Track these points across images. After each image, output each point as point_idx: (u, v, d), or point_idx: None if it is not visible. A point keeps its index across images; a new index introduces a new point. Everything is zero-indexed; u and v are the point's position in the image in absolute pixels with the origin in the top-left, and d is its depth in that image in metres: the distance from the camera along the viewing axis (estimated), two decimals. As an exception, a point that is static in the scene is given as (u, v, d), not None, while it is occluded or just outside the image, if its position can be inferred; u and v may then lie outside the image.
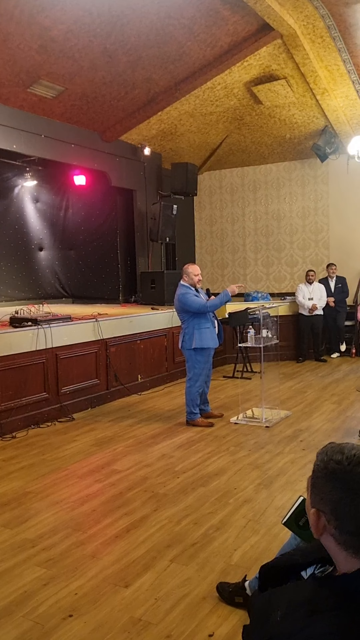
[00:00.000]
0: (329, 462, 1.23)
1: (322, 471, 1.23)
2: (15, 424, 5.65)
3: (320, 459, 1.26)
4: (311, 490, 1.26)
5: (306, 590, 1.27)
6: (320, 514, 1.22)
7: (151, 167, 10.00)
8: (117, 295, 10.06)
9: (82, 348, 6.53)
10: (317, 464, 1.26)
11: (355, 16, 6.61)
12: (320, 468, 1.24)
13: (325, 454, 1.26)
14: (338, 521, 1.18)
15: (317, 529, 1.23)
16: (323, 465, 1.24)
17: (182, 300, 5.69)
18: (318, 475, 1.24)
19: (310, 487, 1.26)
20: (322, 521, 1.21)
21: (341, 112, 8.81)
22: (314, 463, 1.26)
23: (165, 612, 2.64)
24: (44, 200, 10.62)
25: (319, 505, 1.22)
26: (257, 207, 11.25)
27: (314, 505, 1.24)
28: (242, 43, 7.17)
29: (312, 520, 1.24)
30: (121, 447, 5.16)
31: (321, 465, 1.24)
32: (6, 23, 5.85)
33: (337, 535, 1.19)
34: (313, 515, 1.23)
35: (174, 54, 7.14)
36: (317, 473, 1.25)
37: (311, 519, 1.24)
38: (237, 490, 4.07)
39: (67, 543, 3.33)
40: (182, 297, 5.70)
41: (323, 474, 1.23)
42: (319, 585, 1.25)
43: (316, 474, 1.25)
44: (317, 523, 1.22)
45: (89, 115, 8.19)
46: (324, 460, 1.25)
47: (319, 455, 1.28)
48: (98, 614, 2.64)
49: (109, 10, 6.02)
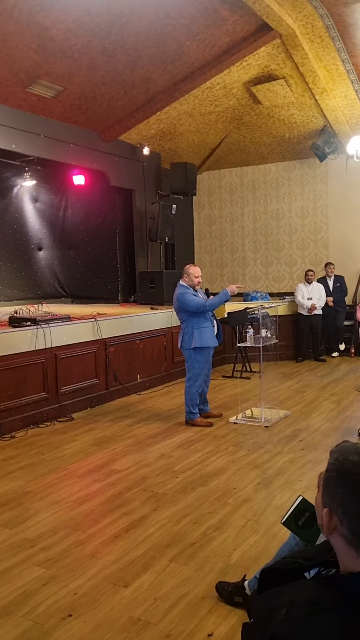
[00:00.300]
0: (345, 462, 1.22)
1: (337, 471, 1.22)
2: (14, 423, 5.65)
3: (335, 457, 1.25)
4: (324, 489, 1.25)
5: (309, 590, 1.27)
6: (333, 514, 1.21)
7: (150, 167, 10.00)
8: (116, 295, 10.06)
9: (81, 348, 6.53)
10: (331, 463, 1.25)
11: (354, 16, 6.62)
12: (335, 467, 1.23)
13: (340, 453, 1.25)
14: (351, 522, 1.18)
15: (328, 528, 1.23)
16: (338, 464, 1.23)
17: (181, 299, 5.69)
18: (332, 475, 1.23)
19: (323, 485, 1.26)
20: (335, 521, 1.21)
21: (340, 112, 8.81)
22: (329, 461, 1.25)
23: (165, 611, 2.64)
24: (43, 200, 10.61)
25: (332, 505, 1.22)
26: (256, 206, 11.25)
27: (326, 505, 1.23)
28: (241, 43, 7.17)
29: (325, 519, 1.23)
30: (120, 446, 5.16)
31: (336, 465, 1.23)
32: (5, 23, 5.84)
33: (349, 536, 1.19)
34: (326, 514, 1.22)
35: (173, 53, 7.14)
36: (332, 472, 1.24)
37: (323, 518, 1.23)
38: (236, 489, 4.07)
39: (66, 543, 3.33)
40: (180, 297, 5.70)
41: (338, 474, 1.22)
42: (322, 585, 1.25)
43: (330, 473, 1.24)
44: (329, 523, 1.22)
45: (88, 115, 8.19)
46: (339, 459, 1.24)
47: (333, 454, 1.27)
48: (97, 613, 2.64)
49: (108, 9, 6.02)
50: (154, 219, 9.37)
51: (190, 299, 5.66)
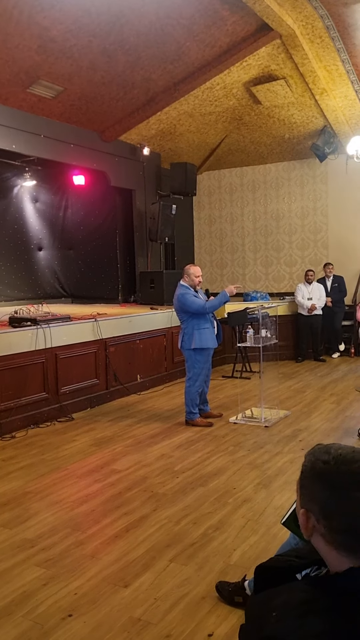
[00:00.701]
0: (316, 462, 1.24)
1: (310, 472, 1.25)
2: (14, 423, 5.66)
3: (308, 460, 1.28)
4: (300, 491, 1.27)
5: (300, 591, 1.27)
6: (309, 514, 1.23)
7: (150, 167, 10.01)
8: (116, 295, 10.06)
9: (81, 348, 6.54)
10: (304, 465, 1.28)
11: (354, 16, 6.62)
12: (307, 469, 1.26)
13: (312, 455, 1.28)
14: (326, 520, 1.19)
15: (306, 529, 1.25)
16: (310, 465, 1.26)
17: (182, 300, 5.69)
18: (306, 476, 1.26)
19: (299, 488, 1.28)
20: (312, 521, 1.23)
21: (340, 112, 8.82)
22: (302, 464, 1.28)
23: (165, 611, 2.64)
24: (43, 200, 10.61)
25: (308, 505, 1.24)
26: (256, 207, 11.25)
27: (302, 506, 1.25)
28: (241, 43, 7.18)
29: (302, 520, 1.25)
30: (120, 447, 5.17)
31: (308, 466, 1.26)
32: (5, 23, 5.85)
33: (327, 535, 1.20)
34: (302, 515, 1.24)
35: (173, 54, 7.14)
36: (305, 474, 1.26)
37: (300, 519, 1.25)
38: (236, 490, 4.08)
39: (66, 543, 3.33)
40: (181, 297, 5.70)
41: (310, 475, 1.25)
42: (312, 586, 1.26)
43: (304, 475, 1.27)
44: (307, 523, 1.24)
45: (88, 115, 8.20)
46: (311, 460, 1.26)
47: (306, 457, 1.29)
48: (97, 613, 2.65)
49: (108, 10, 6.02)
50: (154, 219, 9.38)
51: (190, 300, 5.66)
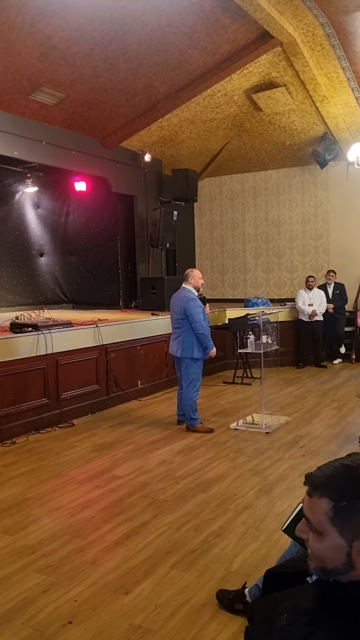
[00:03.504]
0: (346, 478, 1.17)
1: (351, 491, 1.15)
2: (15, 429, 5.65)
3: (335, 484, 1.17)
4: (344, 521, 1.16)
5: (311, 596, 1.26)
6: None
7: (151, 174, 10.04)
8: (117, 300, 10.07)
9: (82, 354, 6.54)
10: (336, 491, 1.16)
11: (354, 24, 6.65)
12: (345, 491, 1.16)
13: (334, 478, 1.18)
14: None
15: None
16: (346, 485, 1.16)
17: (188, 308, 5.62)
18: (348, 499, 1.15)
19: (339, 519, 1.16)
20: None
21: (341, 119, 8.85)
22: (328, 496, 1.16)
23: (165, 619, 2.63)
24: (44, 206, 10.65)
25: None
26: (257, 213, 11.27)
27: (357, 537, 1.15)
28: (242, 51, 7.21)
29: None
30: (121, 452, 5.16)
31: (344, 488, 1.16)
32: (8, 31, 5.89)
33: None
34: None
35: (175, 61, 7.18)
36: (345, 498, 1.15)
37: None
38: (237, 496, 4.07)
39: (66, 549, 3.33)
40: (190, 305, 5.62)
41: (354, 493, 1.15)
42: (324, 592, 1.24)
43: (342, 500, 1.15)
44: None
45: (89, 121, 8.23)
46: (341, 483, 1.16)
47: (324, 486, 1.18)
48: (98, 620, 2.64)
49: (110, 18, 6.06)
50: (155, 225, 9.40)
51: (197, 311, 5.62)
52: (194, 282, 5.80)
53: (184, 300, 5.68)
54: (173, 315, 5.87)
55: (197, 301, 5.71)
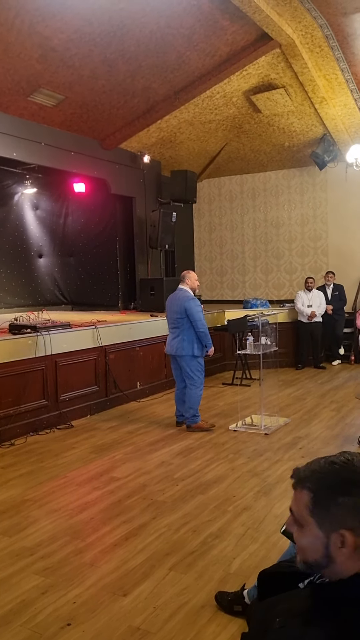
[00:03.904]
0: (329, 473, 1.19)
1: (330, 486, 1.18)
2: (14, 431, 5.65)
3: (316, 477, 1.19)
4: (322, 513, 1.19)
5: (304, 599, 1.27)
6: (352, 531, 1.15)
7: (150, 175, 10.04)
8: (116, 302, 10.07)
9: (81, 355, 6.53)
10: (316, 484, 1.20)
11: (353, 26, 6.66)
12: (323, 485, 1.19)
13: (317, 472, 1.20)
14: None
15: (350, 549, 1.16)
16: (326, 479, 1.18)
17: (189, 307, 5.75)
18: (326, 493, 1.18)
19: (318, 512, 1.19)
20: (354, 537, 1.15)
21: (339, 121, 8.86)
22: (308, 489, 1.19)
23: (164, 620, 2.63)
24: (43, 207, 10.65)
25: (344, 523, 1.16)
26: (256, 214, 11.28)
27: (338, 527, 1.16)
28: (241, 52, 7.22)
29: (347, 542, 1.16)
30: (120, 454, 5.16)
31: (323, 482, 1.19)
32: (7, 32, 5.89)
33: None
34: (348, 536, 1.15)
35: (174, 63, 7.19)
36: (323, 491, 1.18)
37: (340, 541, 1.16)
38: (236, 497, 4.07)
39: (65, 551, 3.32)
40: (190, 304, 5.77)
41: (332, 488, 1.18)
42: (315, 593, 1.25)
43: (321, 493, 1.19)
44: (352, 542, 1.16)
45: (88, 123, 8.24)
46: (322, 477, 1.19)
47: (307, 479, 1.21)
48: (96, 622, 2.63)
49: (109, 20, 6.06)
50: (154, 227, 9.40)
51: (197, 310, 5.78)
52: (190, 283, 5.95)
53: (184, 299, 5.81)
54: (171, 315, 5.97)
55: (196, 301, 5.89)
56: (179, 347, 5.84)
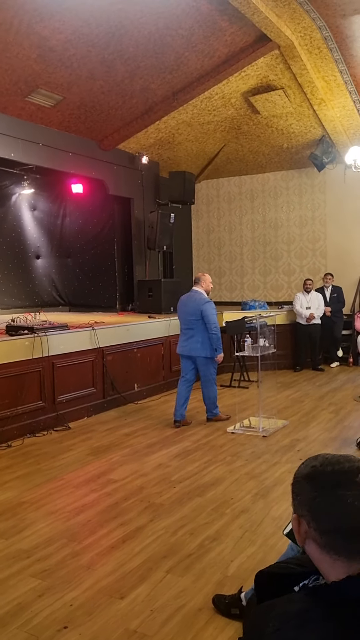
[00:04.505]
0: (306, 467, 1.27)
1: (299, 477, 1.27)
2: (10, 432, 5.62)
3: (299, 468, 1.30)
4: (293, 499, 1.28)
5: (298, 602, 1.26)
6: (301, 519, 1.23)
7: (149, 176, 10.03)
8: (114, 303, 10.05)
9: (78, 356, 6.51)
10: (295, 474, 1.30)
11: (352, 28, 6.66)
12: (297, 475, 1.28)
13: (303, 464, 1.30)
14: (316, 522, 1.19)
15: (299, 535, 1.24)
16: (300, 471, 1.28)
17: (205, 310, 5.95)
18: (296, 482, 1.27)
19: (293, 497, 1.29)
20: (304, 526, 1.22)
21: (338, 122, 8.86)
22: (297, 474, 1.30)
23: (161, 623, 2.61)
24: (41, 208, 10.63)
25: (299, 510, 1.24)
26: (254, 215, 11.28)
27: (294, 512, 1.26)
28: (239, 54, 7.21)
29: (294, 526, 1.25)
30: (117, 456, 5.14)
31: (298, 473, 1.28)
32: (5, 33, 5.88)
33: (318, 538, 1.20)
34: (294, 521, 1.24)
35: (172, 64, 7.18)
36: (295, 480, 1.28)
37: (293, 525, 1.26)
38: (233, 500, 4.05)
39: (62, 554, 3.30)
40: (207, 307, 5.97)
41: (299, 479, 1.26)
42: (309, 596, 1.25)
43: (294, 481, 1.28)
44: (299, 529, 1.24)
45: (87, 124, 8.22)
46: (301, 467, 1.28)
47: (302, 464, 1.32)
48: (93, 625, 2.62)
49: (107, 21, 6.05)
50: (152, 228, 9.39)
51: (213, 312, 6.01)
52: (205, 285, 6.18)
53: (200, 302, 6.02)
54: (185, 316, 6.14)
55: (212, 304, 6.12)
56: (194, 349, 6.07)
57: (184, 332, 6.17)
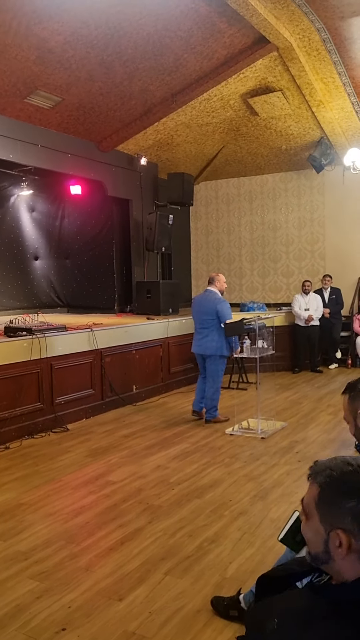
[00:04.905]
0: (342, 474, 1.20)
1: (338, 486, 1.20)
2: (9, 434, 5.61)
3: (328, 474, 1.22)
4: (325, 510, 1.21)
5: (302, 599, 1.26)
6: (345, 533, 1.17)
7: (147, 177, 10.03)
8: (112, 304, 10.04)
9: (77, 358, 6.51)
10: (325, 480, 1.22)
11: (350, 30, 6.68)
12: (332, 483, 1.21)
13: (329, 469, 1.23)
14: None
15: (345, 550, 1.17)
16: (335, 479, 1.20)
17: (221, 309, 6.06)
18: (332, 491, 1.20)
19: (322, 507, 1.21)
20: (347, 540, 1.17)
21: (337, 124, 8.87)
22: (318, 482, 1.22)
23: (160, 625, 2.61)
24: (40, 209, 10.63)
25: (343, 524, 1.17)
26: (253, 217, 11.29)
27: (336, 526, 1.18)
28: (238, 55, 7.22)
29: (341, 542, 1.17)
30: (116, 458, 5.13)
31: (331, 481, 1.21)
32: (4, 34, 5.88)
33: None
34: (343, 536, 1.17)
35: (171, 65, 7.19)
36: (330, 489, 1.21)
37: (337, 540, 1.18)
38: (232, 502, 4.05)
39: (60, 555, 3.30)
40: (222, 306, 6.08)
41: (339, 489, 1.19)
42: (315, 594, 1.24)
43: (328, 490, 1.21)
44: (347, 544, 1.17)
45: (85, 125, 8.23)
46: (334, 476, 1.21)
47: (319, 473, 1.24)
48: (91, 627, 2.61)
49: (106, 22, 6.06)
50: (150, 229, 9.39)
51: (228, 312, 6.09)
52: (219, 285, 6.28)
53: (215, 301, 6.13)
54: (200, 316, 6.24)
55: (227, 303, 6.29)
56: (209, 347, 6.15)
57: (198, 331, 6.28)
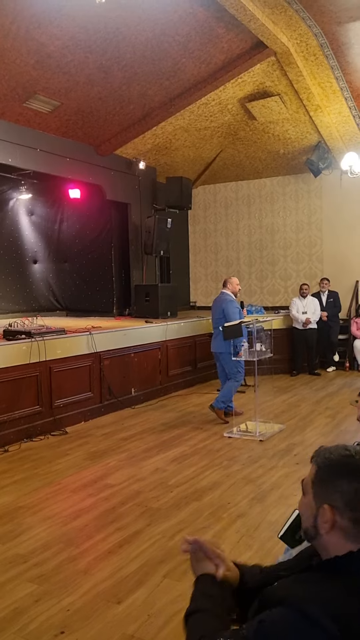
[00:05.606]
0: (336, 457, 1.30)
1: (330, 467, 1.30)
2: (8, 437, 5.62)
3: (325, 456, 1.32)
4: (317, 488, 1.31)
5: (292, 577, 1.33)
6: (333, 509, 1.26)
7: (146, 181, 10.06)
8: (111, 308, 10.06)
9: (75, 361, 6.52)
10: (323, 462, 1.32)
11: (347, 35, 6.72)
12: (326, 464, 1.31)
13: (328, 452, 1.33)
14: (353, 512, 1.24)
15: (329, 524, 1.27)
16: (329, 461, 1.30)
17: (227, 307, 6.33)
18: (325, 472, 1.30)
19: (317, 485, 1.31)
20: (334, 516, 1.26)
21: (334, 128, 8.91)
22: (316, 463, 1.33)
23: (158, 628, 2.61)
24: (38, 213, 10.65)
25: (330, 500, 1.27)
26: (251, 221, 11.31)
27: (324, 501, 1.27)
28: (236, 60, 7.26)
29: (326, 516, 1.26)
30: (114, 461, 5.14)
31: (327, 462, 1.31)
32: (3, 39, 5.90)
33: (350, 527, 1.24)
34: (328, 511, 1.26)
35: (169, 70, 7.22)
36: (324, 469, 1.31)
37: (324, 515, 1.27)
38: (230, 504, 4.05)
39: (59, 558, 3.30)
40: (228, 305, 6.35)
41: (331, 469, 1.29)
42: (307, 571, 1.32)
43: (322, 470, 1.31)
44: (331, 519, 1.26)
45: (84, 129, 8.25)
46: (330, 457, 1.31)
47: (318, 457, 1.34)
48: (90, 630, 2.61)
49: (104, 27, 6.09)
50: (149, 233, 9.41)
51: (234, 311, 6.33)
52: (232, 287, 6.58)
53: (223, 301, 6.45)
54: (214, 316, 6.60)
55: (235, 302, 6.49)
56: (219, 345, 6.35)
57: (214, 331, 6.56)
